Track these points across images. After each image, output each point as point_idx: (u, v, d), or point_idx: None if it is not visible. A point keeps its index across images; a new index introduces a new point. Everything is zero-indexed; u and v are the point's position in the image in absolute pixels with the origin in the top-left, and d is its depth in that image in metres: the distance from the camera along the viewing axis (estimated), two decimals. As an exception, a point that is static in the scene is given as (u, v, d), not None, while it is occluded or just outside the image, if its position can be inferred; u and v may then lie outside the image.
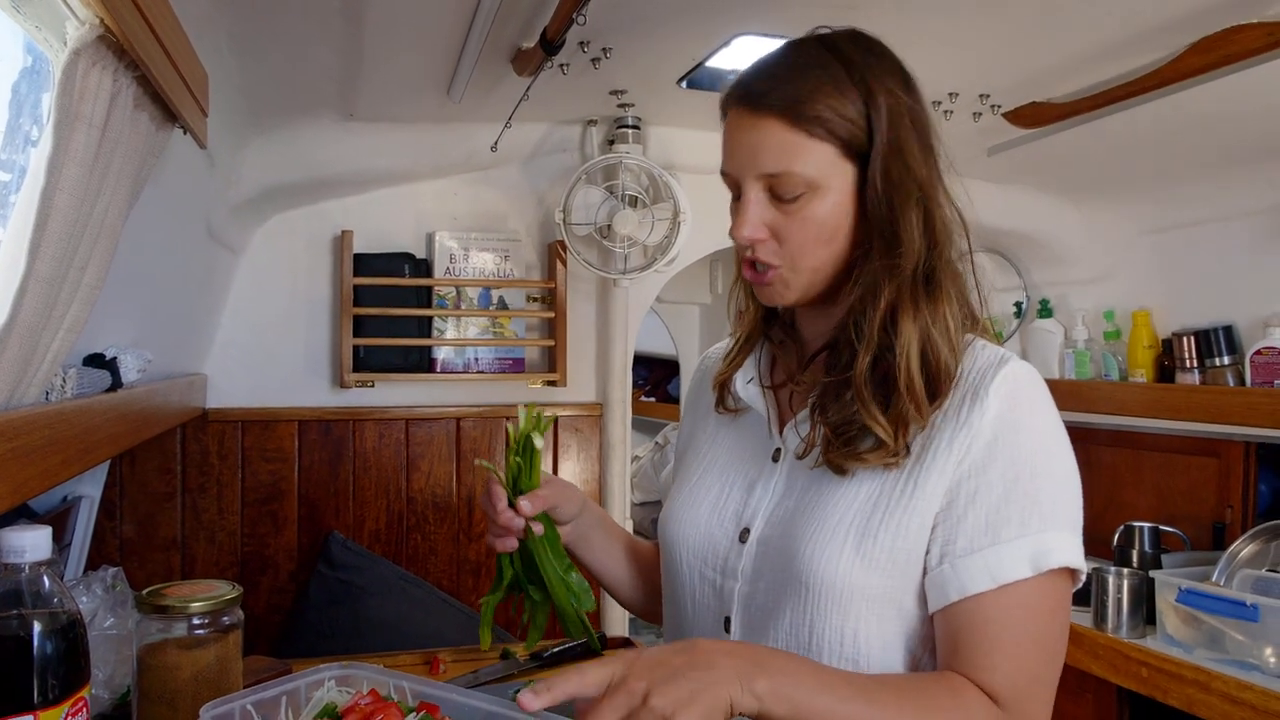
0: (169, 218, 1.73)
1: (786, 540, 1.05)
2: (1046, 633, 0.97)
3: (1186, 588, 2.15)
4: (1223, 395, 2.49)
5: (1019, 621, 0.95)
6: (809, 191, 1.00)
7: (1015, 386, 1.00)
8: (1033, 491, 0.97)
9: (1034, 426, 0.99)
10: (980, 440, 0.98)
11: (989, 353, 1.03)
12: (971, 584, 0.96)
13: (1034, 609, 0.96)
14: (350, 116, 2.35)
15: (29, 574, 0.85)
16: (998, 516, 0.96)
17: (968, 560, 0.96)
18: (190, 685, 1.04)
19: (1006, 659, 0.95)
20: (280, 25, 1.70)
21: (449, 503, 2.72)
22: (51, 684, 0.83)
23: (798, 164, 0.99)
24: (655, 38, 1.92)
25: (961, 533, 0.97)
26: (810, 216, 1.01)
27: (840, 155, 1.00)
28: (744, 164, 1.03)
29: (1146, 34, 1.78)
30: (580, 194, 2.53)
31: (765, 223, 1.03)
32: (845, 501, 1.02)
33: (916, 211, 1.01)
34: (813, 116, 0.98)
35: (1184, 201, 2.62)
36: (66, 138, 0.96)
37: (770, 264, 1.05)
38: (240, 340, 2.57)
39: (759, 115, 1.01)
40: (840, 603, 1.00)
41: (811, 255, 1.03)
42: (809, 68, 1.00)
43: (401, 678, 1.03)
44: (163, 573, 2.47)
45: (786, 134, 0.99)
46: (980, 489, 0.97)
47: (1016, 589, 0.95)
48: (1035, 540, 0.95)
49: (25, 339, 1.00)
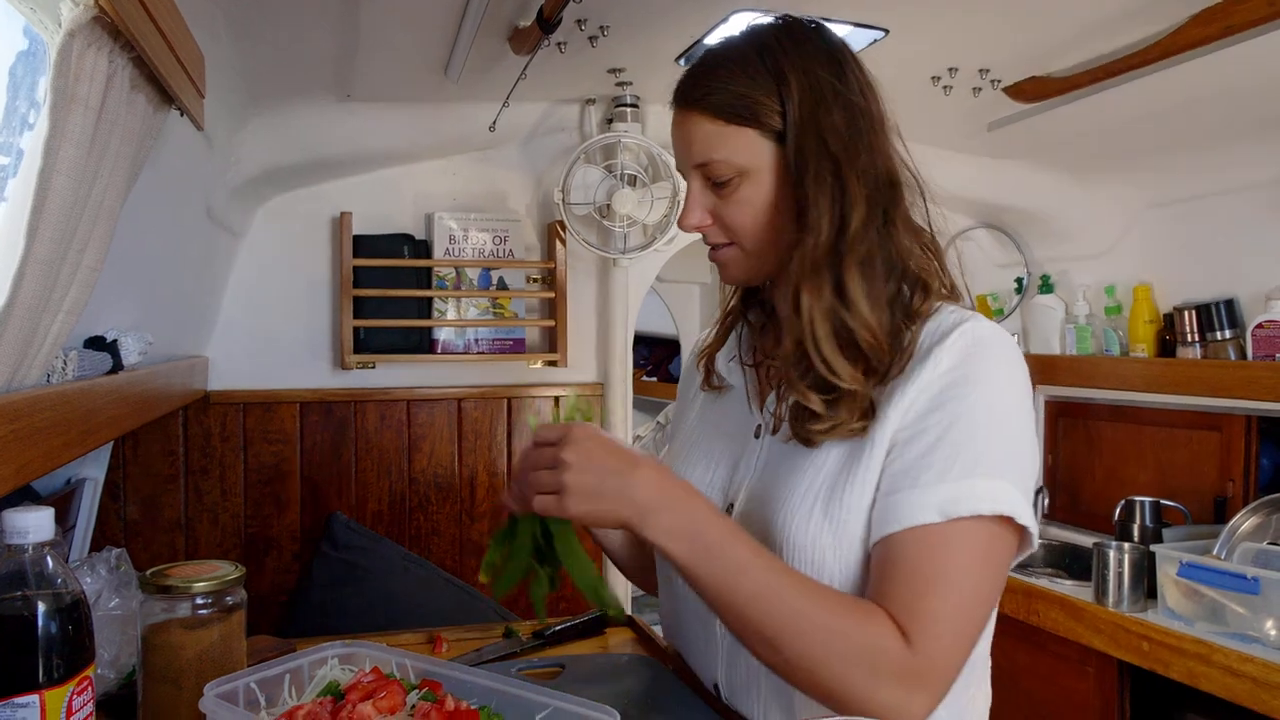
0: (168, 200, 1.72)
1: (763, 511, 1.08)
2: (957, 578, 0.96)
3: (1188, 561, 2.16)
4: (1224, 369, 2.49)
5: (925, 563, 0.96)
6: (739, 176, 1.06)
7: (971, 343, 1.01)
8: (963, 440, 0.97)
9: (983, 380, 1.00)
10: (928, 393, 1.00)
11: (953, 316, 1.05)
12: (884, 524, 0.98)
13: (943, 552, 0.96)
14: (348, 97, 2.34)
15: (33, 555, 0.85)
16: (922, 462, 0.98)
17: (886, 500, 0.99)
18: (194, 664, 1.05)
19: (907, 595, 0.95)
20: (277, 5, 1.69)
21: (451, 483, 2.73)
22: (56, 663, 0.84)
23: (721, 151, 1.05)
24: (653, 15, 1.91)
25: (888, 475, 1.00)
26: (744, 199, 1.07)
27: (762, 137, 1.05)
28: (681, 158, 1.11)
29: (1147, 6, 1.77)
30: (579, 173, 2.53)
31: (707, 209, 1.10)
32: (814, 469, 1.05)
33: (827, 187, 1.03)
34: (727, 105, 1.04)
35: (1185, 175, 2.61)
36: (63, 120, 0.96)
37: (720, 243, 1.12)
38: (241, 322, 2.57)
39: (686, 111, 1.08)
40: (815, 567, 1.02)
41: (753, 236, 1.09)
42: (726, 59, 1.07)
43: (404, 655, 1.03)
44: (166, 554, 2.48)
45: (708, 125, 1.06)
46: (915, 436, 0.99)
47: (927, 532, 0.96)
48: (953, 487, 0.96)
49: (25, 321, 1.00)
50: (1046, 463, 3.12)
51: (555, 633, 1.65)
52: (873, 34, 1.93)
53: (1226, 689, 1.97)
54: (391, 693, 0.94)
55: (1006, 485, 0.96)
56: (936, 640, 0.94)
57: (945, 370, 1.00)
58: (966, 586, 0.96)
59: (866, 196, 1.04)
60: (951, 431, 0.98)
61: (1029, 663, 2.47)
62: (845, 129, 1.04)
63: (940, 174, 1.16)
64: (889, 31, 1.93)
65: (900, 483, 0.98)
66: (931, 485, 0.96)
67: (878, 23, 1.91)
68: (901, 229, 1.07)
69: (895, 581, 0.96)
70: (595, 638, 1.69)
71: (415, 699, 0.96)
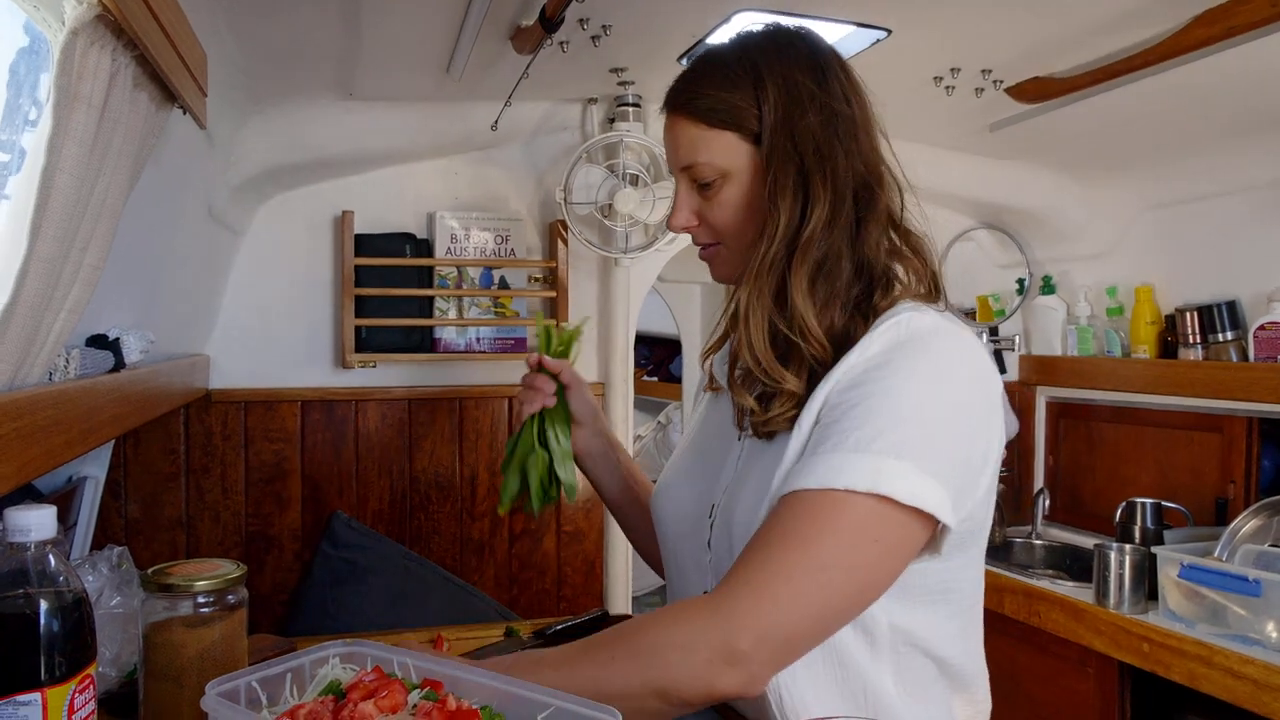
0: (170, 199, 1.72)
1: (729, 509, 1.11)
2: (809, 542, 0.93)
3: (1189, 563, 2.15)
4: (1225, 370, 2.49)
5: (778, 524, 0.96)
6: (721, 178, 1.10)
7: (903, 333, 1.01)
8: (866, 417, 0.96)
9: (906, 366, 0.99)
10: (850, 375, 1.01)
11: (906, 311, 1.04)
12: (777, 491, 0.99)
13: (803, 518, 0.95)
14: (350, 96, 2.34)
15: (34, 553, 0.85)
16: (824, 433, 0.98)
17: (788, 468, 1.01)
18: (196, 663, 1.05)
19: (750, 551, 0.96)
20: (279, 4, 1.69)
21: (452, 482, 2.73)
22: (58, 661, 0.84)
23: (704, 154, 1.10)
24: (655, 15, 1.91)
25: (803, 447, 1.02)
26: (726, 200, 1.11)
27: (742, 140, 1.09)
28: (670, 160, 1.16)
29: (1149, 7, 1.77)
30: (581, 173, 2.53)
31: (694, 211, 1.15)
32: (768, 463, 1.06)
33: (789, 190, 1.06)
34: (706, 109, 1.09)
35: (1187, 176, 2.61)
36: (66, 118, 0.96)
37: (707, 242, 1.17)
38: (242, 321, 2.57)
39: (672, 116, 1.13)
40: None
41: (734, 235, 1.13)
42: (711, 66, 1.11)
43: (406, 654, 1.03)
44: (168, 552, 2.48)
45: (690, 128, 1.11)
46: (828, 410, 1.00)
47: (800, 498, 0.95)
48: (839, 458, 0.94)
49: (27, 320, 1.00)
50: (1048, 464, 3.12)
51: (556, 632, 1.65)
52: (875, 34, 1.93)
53: (1227, 691, 1.97)
54: (393, 692, 0.94)
55: (905, 465, 0.93)
56: (754, 587, 0.93)
57: (871, 355, 1.01)
58: (818, 550, 0.93)
59: (832, 200, 1.05)
60: (857, 408, 0.97)
61: (1029, 664, 2.46)
62: (820, 133, 1.06)
63: (941, 174, 1.19)
64: (891, 32, 1.93)
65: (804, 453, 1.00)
66: (824, 455, 0.96)
67: (880, 23, 1.90)
68: (874, 230, 1.08)
69: (751, 542, 0.98)
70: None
71: (417, 698, 0.96)
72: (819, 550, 0.93)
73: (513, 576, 2.78)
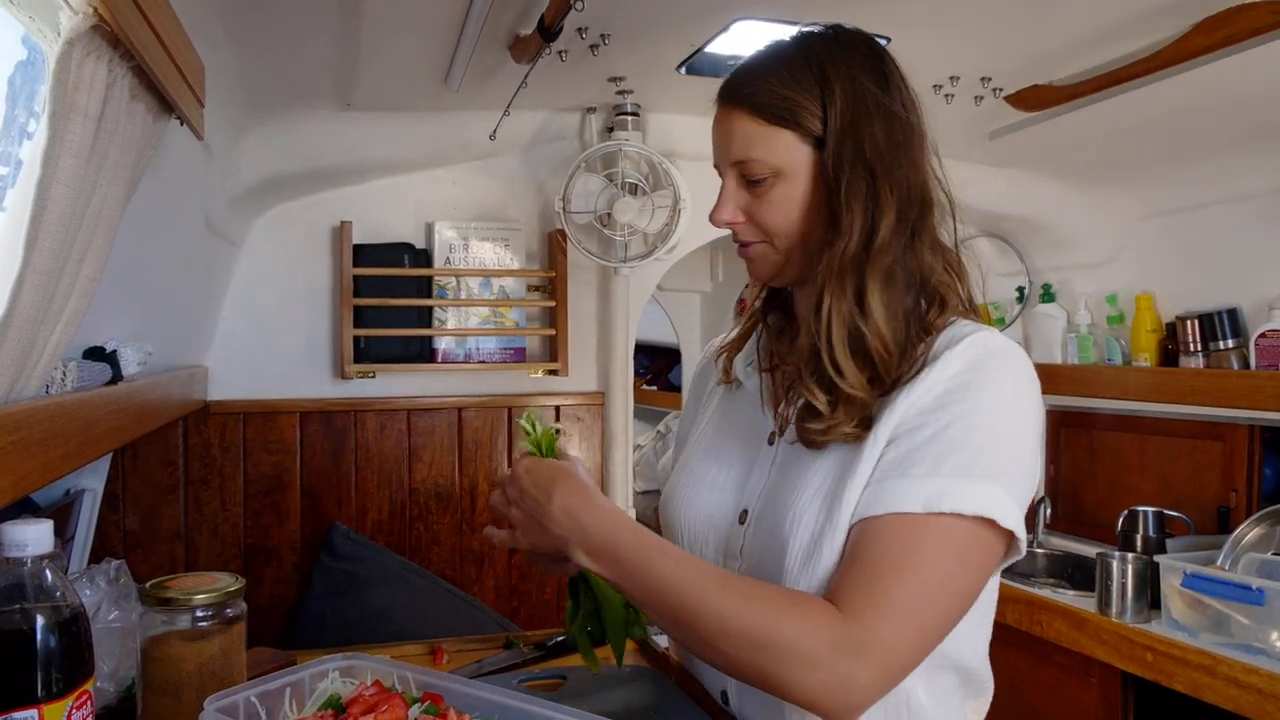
0: (168, 209, 1.72)
1: (772, 516, 1.09)
2: (924, 567, 0.95)
3: (1192, 572, 2.15)
4: (1227, 379, 2.49)
5: (896, 548, 0.96)
6: (774, 176, 1.08)
7: (981, 351, 1.02)
8: (960, 440, 0.97)
9: (989, 386, 1.00)
10: (932, 393, 1.00)
11: (966, 328, 1.05)
12: (867, 508, 0.98)
13: (915, 543, 0.95)
14: (348, 106, 2.34)
15: (31, 568, 0.84)
16: (915, 454, 0.98)
17: (874, 487, 0.99)
18: (194, 677, 1.04)
19: (867, 573, 0.95)
20: (277, 14, 1.69)
21: (451, 493, 2.72)
22: (55, 677, 0.83)
23: (760, 150, 1.07)
24: (654, 24, 1.91)
25: (881, 466, 1.00)
26: (777, 199, 1.09)
27: (801, 141, 1.07)
28: (719, 153, 1.13)
29: (1149, 15, 1.77)
30: (580, 182, 2.52)
31: (740, 207, 1.12)
32: (821, 471, 1.05)
33: (860, 196, 1.05)
34: (769, 105, 1.06)
35: (1188, 184, 2.60)
36: (62, 129, 0.95)
37: (751, 240, 1.13)
38: (241, 332, 2.57)
39: (729, 108, 1.11)
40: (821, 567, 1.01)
41: (784, 236, 1.10)
42: (774, 62, 1.09)
43: (405, 668, 1.03)
44: (166, 565, 2.47)
45: (749, 123, 1.08)
46: (913, 430, 1.00)
47: (905, 520, 0.96)
48: (942, 482, 0.95)
49: (24, 332, 0.99)
50: (1049, 472, 3.12)
51: (557, 644, 1.63)
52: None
53: (1231, 701, 1.96)
54: (393, 706, 0.93)
55: (998, 490, 0.96)
56: (883, 619, 0.93)
57: (953, 374, 1.00)
58: (931, 578, 0.95)
59: (897, 209, 1.05)
60: (950, 430, 0.98)
61: (1032, 674, 2.45)
62: (884, 140, 1.05)
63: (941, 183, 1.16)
64: (891, 39, 1.92)
65: (890, 472, 0.99)
66: (921, 478, 0.96)
67: (880, 30, 1.90)
68: (926, 245, 1.08)
69: (861, 562, 0.96)
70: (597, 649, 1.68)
71: (417, 712, 0.95)
72: (933, 579, 0.95)
73: (513, 587, 2.77)
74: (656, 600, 0.98)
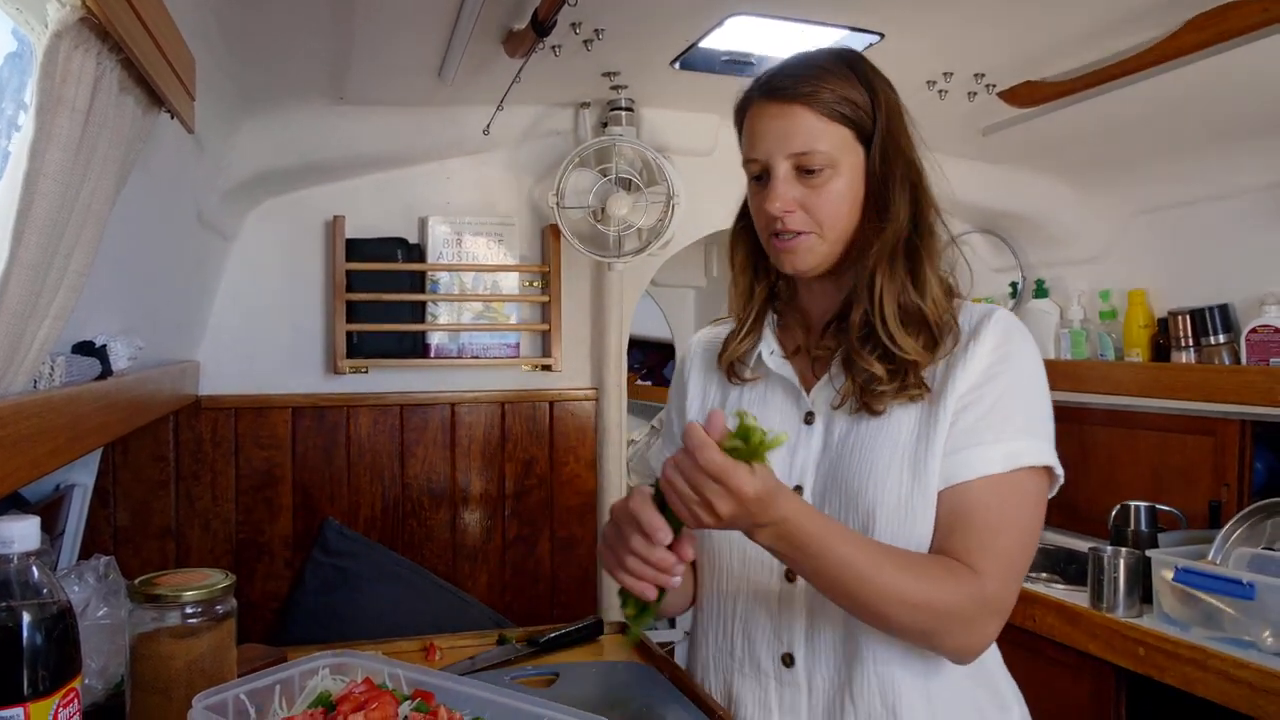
0: (159, 203, 1.71)
1: (846, 484, 1.19)
2: (1018, 516, 1.15)
3: (1183, 566, 2.15)
4: (1218, 374, 2.49)
5: (995, 506, 1.14)
6: (829, 168, 1.18)
7: (1006, 328, 1.20)
8: (1013, 407, 1.16)
9: (1023, 355, 1.19)
10: (979, 367, 1.17)
11: (981, 308, 1.24)
12: (955, 475, 1.15)
13: (1007, 497, 1.14)
14: (341, 100, 2.33)
15: (18, 564, 0.84)
16: (982, 423, 1.15)
17: (955, 457, 1.15)
18: (184, 675, 1.04)
19: (982, 534, 1.13)
20: (269, 8, 1.68)
21: (444, 488, 2.71)
22: (42, 675, 0.83)
23: (821, 143, 1.17)
24: (647, 19, 1.90)
25: (954, 435, 1.16)
26: (832, 190, 1.19)
27: (853, 139, 1.19)
28: (774, 146, 1.20)
29: (1141, 11, 1.77)
30: (573, 177, 2.52)
31: (793, 198, 1.19)
32: (890, 438, 1.18)
33: (905, 187, 1.20)
34: (832, 102, 1.18)
35: (1179, 180, 2.61)
36: (49, 122, 0.94)
37: (801, 230, 1.20)
38: (233, 327, 2.56)
39: (786, 104, 1.19)
40: (907, 526, 1.15)
41: (834, 225, 1.20)
42: (825, 68, 1.20)
43: (396, 665, 1.02)
44: (157, 561, 2.46)
45: (811, 118, 1.18)
46: (973, 403, 1.16)
47: (994, 480, 1.14)
48: (1009, 444, 1.15)
49: (11, 327, 0.98)
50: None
51: (549, 640, 1.63)
52: (868, 38, 1.93)
53: (1223, 694, 1.96)
54: (383, 703, 0.93)
55: (1044, 442, 1.17)
56: (1005, 575, 1.12)
57: (991, 348, 1.17)
58: (1026, 526, 1.16)
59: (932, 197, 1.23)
60: (1004, 399, 1.16)
61: (1024, 668, 2.44)
62: (910, 145, 1.23)
63: (934, 178, 1.29)
64: (884, 36, 1.92)
65: (966, 441, 1.15)
66: (992, 444, 1.14)
67: (873, 27, 1.90)
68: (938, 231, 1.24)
69: (972, 524, 1.13)
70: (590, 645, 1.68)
71: (408, 709, 0.95)
72: (1025, 527, 1.16)
73: (506, 583, 2.77)
74: (832, 578, 1.07)
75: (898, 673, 1.17)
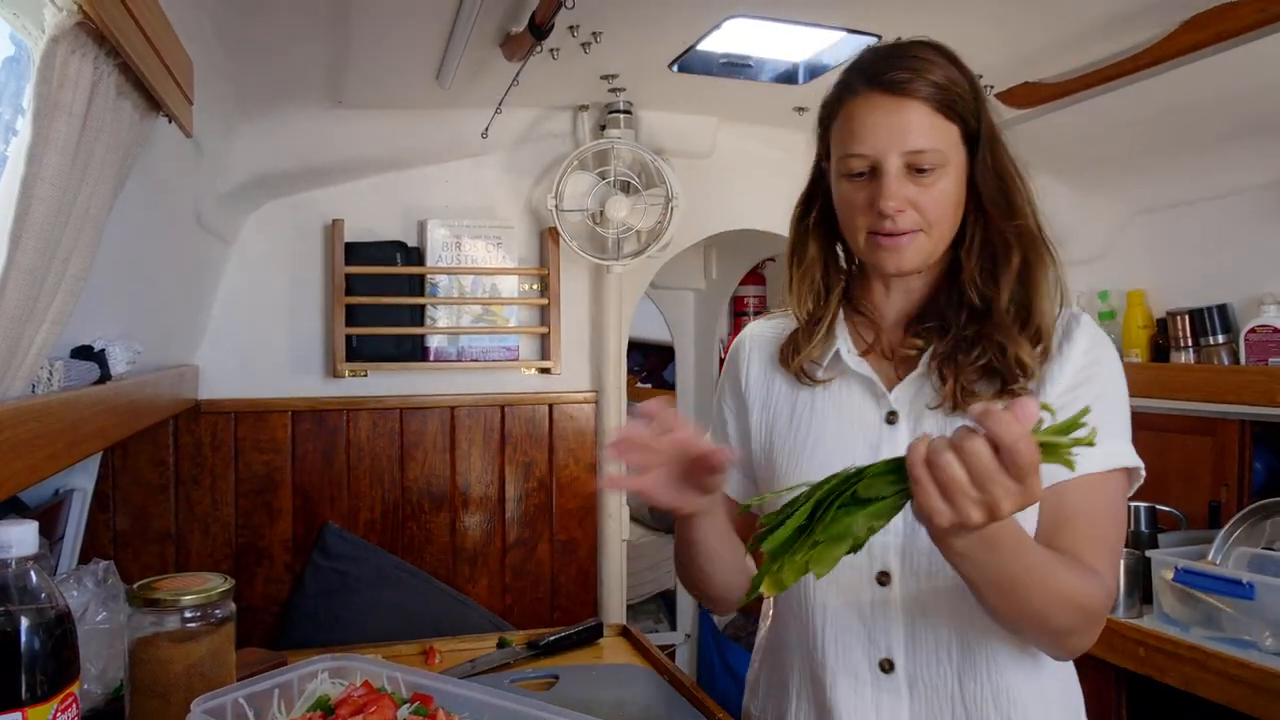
0: (157, 207, 1.71)
1: None
2: (1118, 515, 1.19)
3: (1183, 567, 2.15)
4: (1217, 374, 2.49)
5: (1100, 505, 1.16)
6: (941, 167, 1.15)
7: (1093, 331, 1.23)
8: (1109, 409, 1.18)
9: (1110, 362, 1.22)
10: (1072, 369, 1.19)
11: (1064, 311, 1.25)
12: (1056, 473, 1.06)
13: (1108, 496, 1.16)
14: (339, 103, 2.33)
15: (15, 569, 0.84)
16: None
17: None
18: (183, 679, 1.04)
19: (1090, 533, 1.15)
20: (267, 11, 1.68)
21: (444, 492, 2.71)
22: (40, 680, 0.83)
23: (941, 141, 1.15)
24: (646, 21, 1.90)
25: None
26: (944, 188, 1.16)
27: (959, 135, 1.17)
28: (888, 142, 1.14)
29: (1139, 12, 1.77)
30: (572, 180, 2.52)
31: (905, 196, 1.15)
32: None
33: (1023, 184, 1.21)
34: (948, 99, 1.15)
35: (1178, 180, 2.61)
36: (46, 127, 0.95)
37: (911, 229, 1.17)
38: (232, 331, 2.56)
39: (903, 99, 1.14)
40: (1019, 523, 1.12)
41: (941, 223, 1.18)
42: (939, 64, 1.17)
43: (395, 669, 1.02)
44: (157, 565, 2.46)
45: (929, 115, 1.14)
46: (1069, 404, 1.13)
47: (1093, 480, 1.13)
48: (1106, 445, 1.08)
49: (9, 331, 0.98)
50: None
51: (549, 643, 1.63)
52: (864, 40, 1.93)
53: (1224, 694, 1.96)
54: (382, 707, 0.93)
55: (1129, 445, 1.19)
56: (1115, 572, 1.17)
57: (1083, 351, 1.19)
58: (1120, 523, 1.20)
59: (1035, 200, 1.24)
60: (1099, 402, 1.11)
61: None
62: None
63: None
64: (881, 37, 1.92)
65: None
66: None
67: (869, 28, 1.90)
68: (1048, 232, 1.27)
69: (1082, 522, 1.15)
70: (590, 648, 1.68)
71: (406, 713, 0.95)
72: (1120, 523, 1.20)
73: (506, 586, 2.77)
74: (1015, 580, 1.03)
75: (1010, 672, 1.19)
